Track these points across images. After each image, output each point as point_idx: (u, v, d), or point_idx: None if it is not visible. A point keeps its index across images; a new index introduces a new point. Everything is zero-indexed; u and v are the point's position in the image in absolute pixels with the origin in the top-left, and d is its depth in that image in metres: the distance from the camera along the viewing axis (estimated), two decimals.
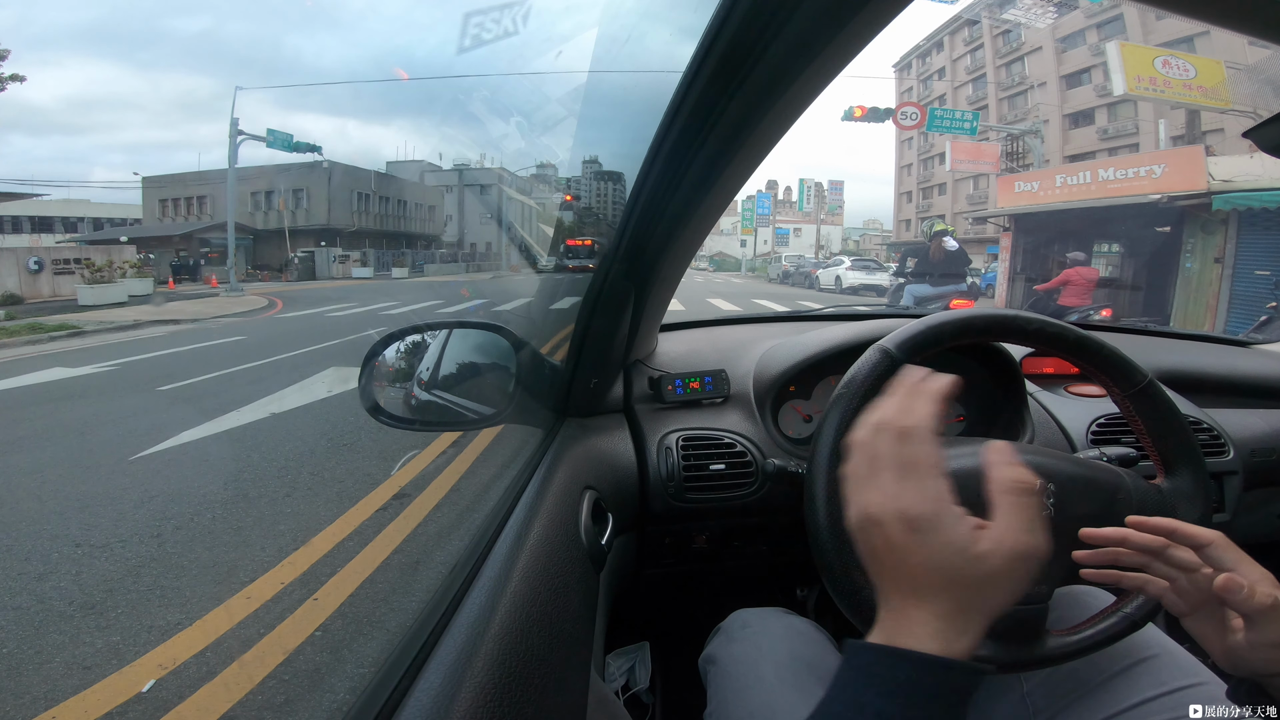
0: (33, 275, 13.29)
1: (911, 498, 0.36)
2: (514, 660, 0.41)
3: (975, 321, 0.60)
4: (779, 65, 0.44)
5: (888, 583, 0.37)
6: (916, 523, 0.36)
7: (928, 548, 0.35)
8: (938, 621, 0.35)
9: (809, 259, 27.46)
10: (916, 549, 0.35)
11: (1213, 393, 1.12)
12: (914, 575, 0.36)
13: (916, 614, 0.35)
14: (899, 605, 0.36)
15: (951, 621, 0.35)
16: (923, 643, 0.34)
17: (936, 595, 0.35)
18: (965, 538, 0.35)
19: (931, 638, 0.34)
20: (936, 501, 0.36)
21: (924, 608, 0.35)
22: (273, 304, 12.29)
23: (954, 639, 0.34)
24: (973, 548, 0.35)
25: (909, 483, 0.37)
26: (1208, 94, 10.52)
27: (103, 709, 1.37)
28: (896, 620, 0.36)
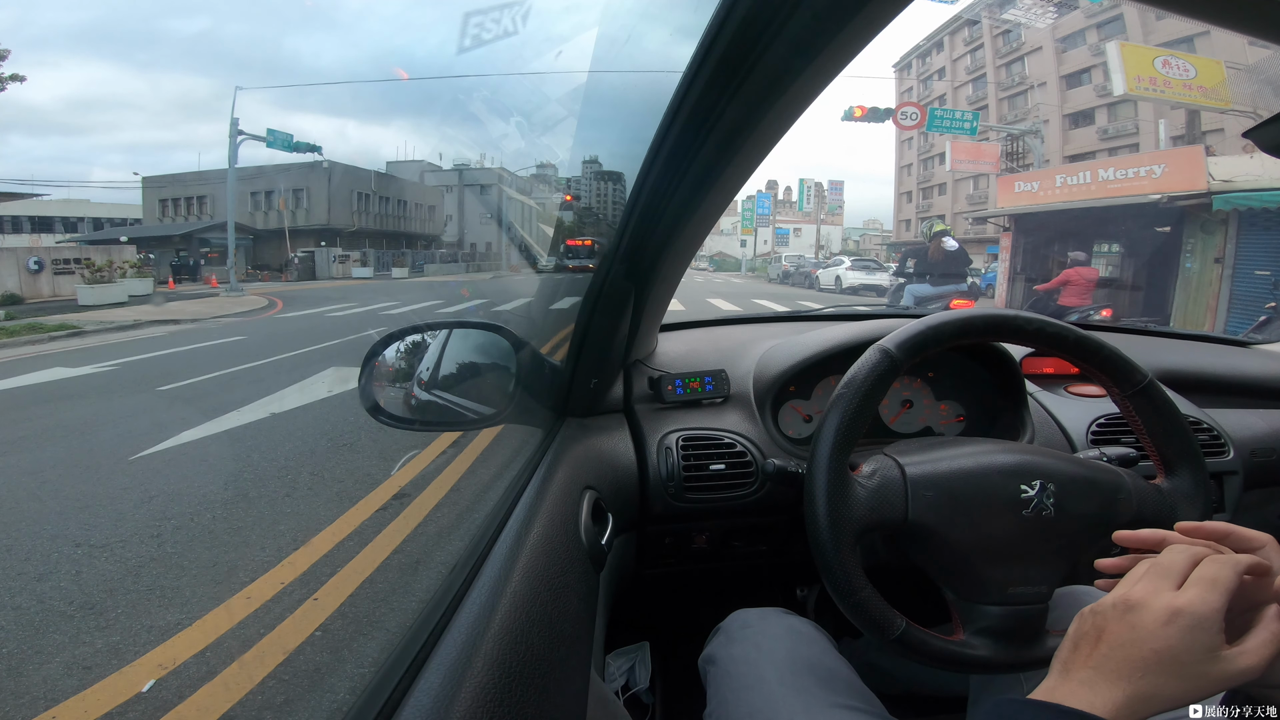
0: (33, 275, 13.29)
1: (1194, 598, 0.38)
2: (514, 660, 0.41)
3: (975, 321, 0.60)
4: (779, 65, 0.44)
5: (1095, 658, 0.39)
6: (1186, 615, 0.38)
7: (1179, 639, 0.37)
8: (1125, 699, 0.37)
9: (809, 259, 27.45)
10: (1165, 637, 0.38)
11: (1213, 393, 1.12)
12: (1140, 656, 0.38)
13: (1105, 687, 0.37)
14: (1089, 677, 0.38)
15: (1140, 703, 0.37)
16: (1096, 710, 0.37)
17: (1148, 677, 0.37)
18: (1218, 641, 0.38)
19: (1108, 709, 0.37)
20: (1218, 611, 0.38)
21: (1120, 685, 0.37)
22: (273, 304, 12.29)
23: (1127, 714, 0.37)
24: (1219, 650, 0.37)
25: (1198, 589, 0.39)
26: (1208, 94, 10.52)
27: (103, 709, 1.37)
28: (1074, 689, 0.38)
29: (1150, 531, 0.49)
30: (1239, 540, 0.46)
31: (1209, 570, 0.40)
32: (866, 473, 0.61)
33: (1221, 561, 0.40)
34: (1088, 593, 0.66)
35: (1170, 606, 0.38)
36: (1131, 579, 0.42)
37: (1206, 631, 0.37)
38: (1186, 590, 0.39)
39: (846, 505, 0.57)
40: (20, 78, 13.00)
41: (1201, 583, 0.39)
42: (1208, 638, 0.37)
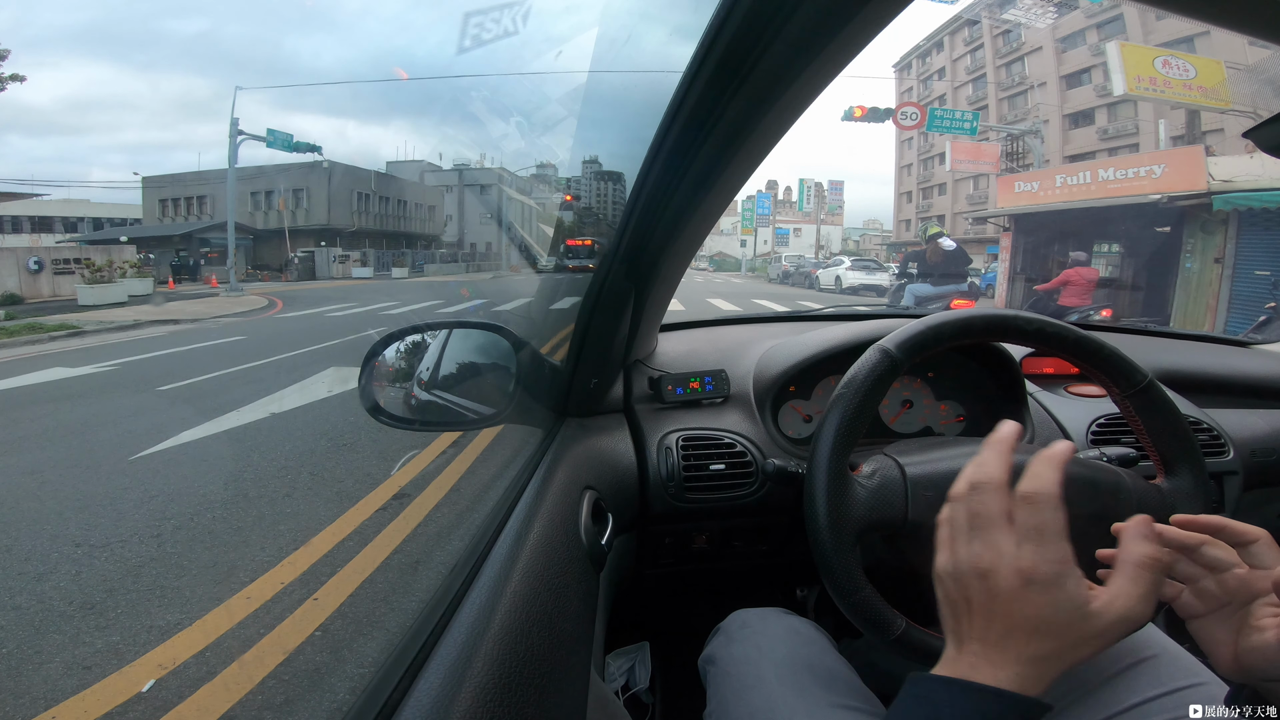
0: (33, 275, 13.29)
1: (1034, 557, 0.38)
2: (514, 660, 0.41)
3: (975, 322, 0.60)
4: (779, 65, 0.44)
5: (972, 628, 0.39)
6: (1037, 580, 0.37)
7: (1041, 602, 0.37)
8: (1021, 666, 0.37)
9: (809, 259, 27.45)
10: (1028, 602, 0.37)
11: (1213, 393, 1.12)
12: (1010, 624, 0.37)
13: (999, 657, 0.37)
14: (979, 649, 0.38)
15: (1036, 667, 0.37)
16: (1000, 683, 0.36)
17: (1030, 643, 0.37)
18: (1082, 596, 0.37)
19: (1011, 679, 0.36)
20: (1061, 564, 0.38)
21: (1008, 652, 0.37)
22: (273, 304, 12.29)
23: (1032, 684, 0.37)
24: (1086, 606, 0.37)
25: (1032, 544, 0.38)
26: (1208, 94, 10.52)
27: (103, 709, 1.37)
28: (974, 661, 0.38)
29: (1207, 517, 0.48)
30: (1233, 534, 0.46)
31: (1029, 519, 0.39)
32: (866, 473, 0.61)
33: (1038, 505, 0.39)
34: None
35: (1017, 571, 0.38)
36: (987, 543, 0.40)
37: (1061, 590, 0.37)
38: (1024, 550, 0.38)
39: (846, 505, 0.57)
40: (20, 78, 13.01)
41: (1030, 537, 0.38)
42: (1065, 595, 0.37)
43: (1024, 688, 0.36)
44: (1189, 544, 0.47)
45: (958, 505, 0.42)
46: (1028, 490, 0.39)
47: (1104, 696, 0.56)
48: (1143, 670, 0.56)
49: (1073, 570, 0.38)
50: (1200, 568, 0.47)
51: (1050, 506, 0.39)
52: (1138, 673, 0.56)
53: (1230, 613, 0.46)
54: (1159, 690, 0.54)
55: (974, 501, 0.41)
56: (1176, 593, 0.48)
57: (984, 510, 0.40)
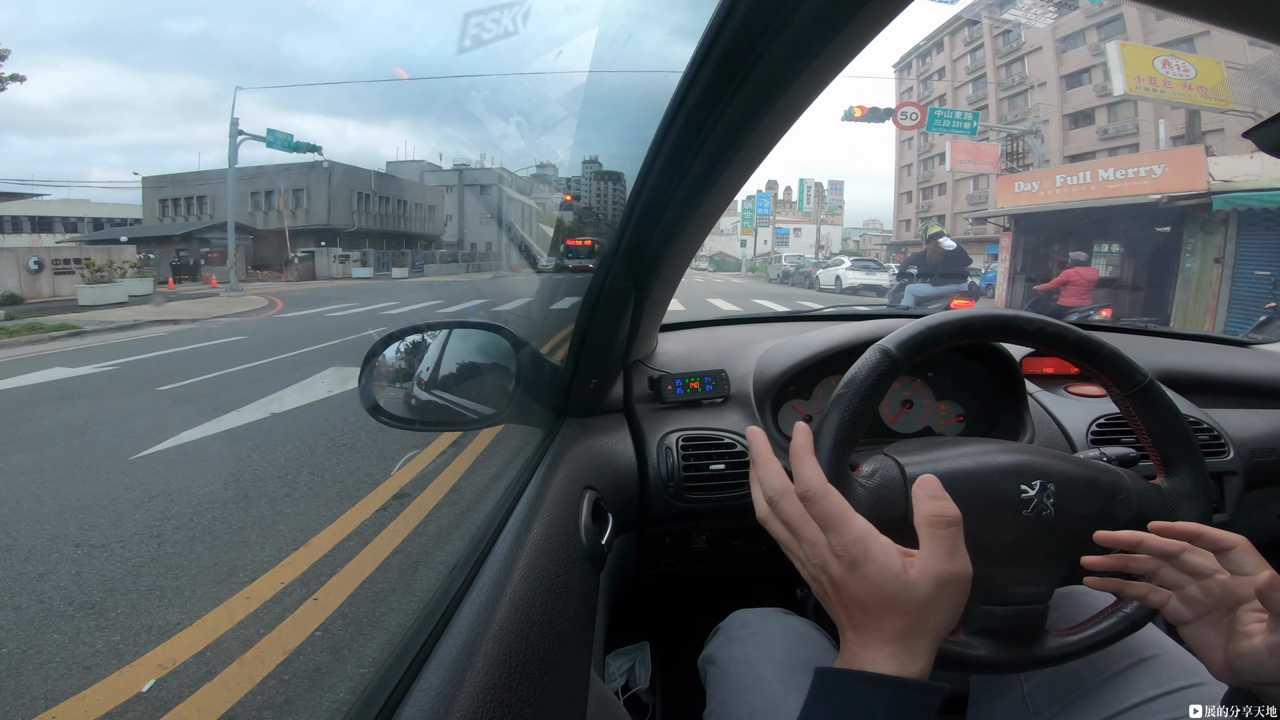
0: (33, 275, 13.29)
1: (840, 542, 0.40)
2: (514, 660, 0.41)
3: (975, 322, 0.60)
4: (779, 65, 0.44)
5: (842, 618, 0.41)
6: (853, 561, 0.40)
7: (868, 581, 0.39)
8: (889, 645, 0.39)
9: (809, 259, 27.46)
10: (858, 583, 0.40)
11: (1213, 393, 1.12)
12: (862, 606, 0.40)
13: (869, 641, 0.40)
14: (854, 636, 0.41)
15: (903, 644, 0.39)
16: (880, 666, 0.38)
17: (884, 622, 0.39)
18: (896, 566, 0.39)
19: (887, 660, 0.38)
20: (862, 540, 0.40)
21: (874, 635, 0.39)
22: (273, 304, 12.29)
23: (908, 661, 0.38)
24: (903, 575, 0.39)
25: (832, 532, 0.41)
26: (1208, 94, 10.52)
27: (103, 709, 1.37)
28: (854, 649, 0.40)
29: (1128, 534, 0.50)
30: (1210, 540, 0.47)
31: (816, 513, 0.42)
32: (866, 473, 0.61)
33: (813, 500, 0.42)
34: (1087, 593, 0.66)
35: (838, 558, 0.40)
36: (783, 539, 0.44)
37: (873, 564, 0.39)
38: (831, 539, 0.41)
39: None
40: (20, 78, 13.02)
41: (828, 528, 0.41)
42: (878, 569, 0.39)
43: (903, 668, 0.38)
44: (1169, 551, 0.48)
45: (771, 522, 0.45)
46: (801, 491, 0.43)
47: (1104, 696, 0.56)
48: (1143, 670, 0.56)
49: (876, 543, 0.40)
50: (1184, 574, 0.47)
51: (822, 495, 0.42)
52: (1138, 673, 0.56)
53: (1218, 618, 0.46)
54: (1159, 690, 0.54)
55: (780, 513, 0.44)
56: (1164, 599, 0.48)
57: (789, 516, 0.43)
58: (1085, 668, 0.57)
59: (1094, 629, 0.53)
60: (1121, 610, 0.53)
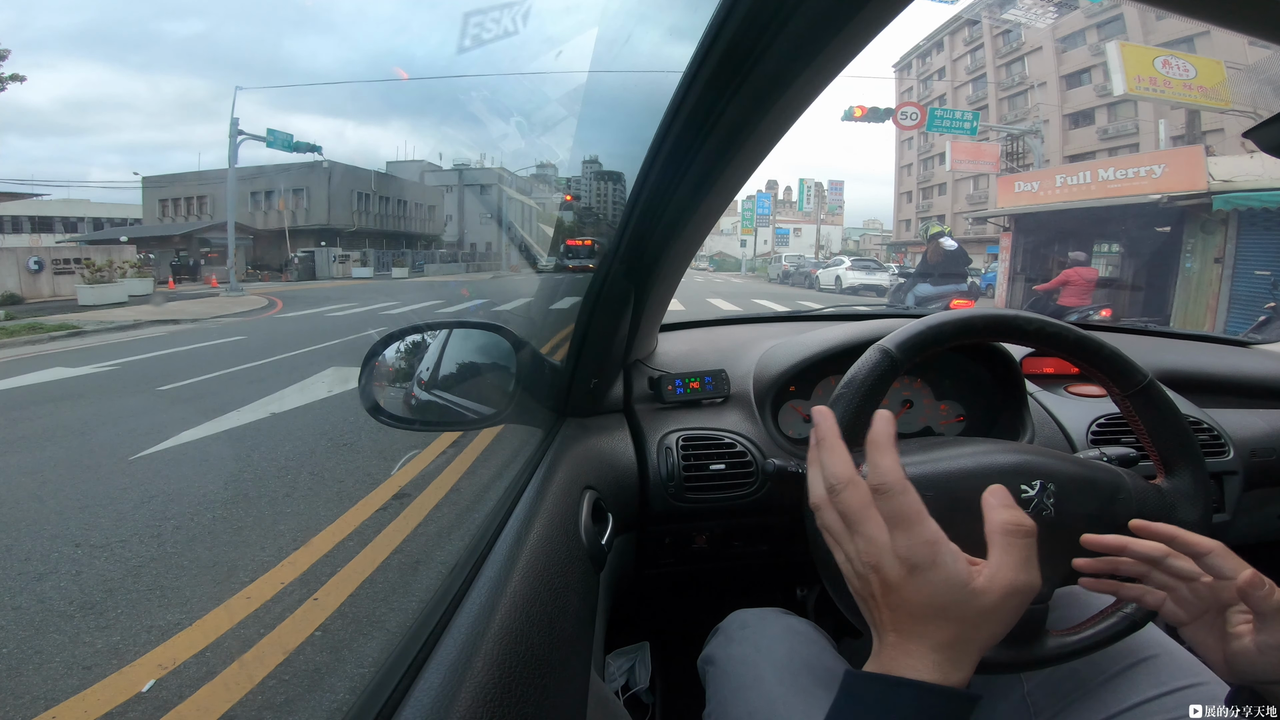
0: (33, 275, 13.29)
1: (906, 543, 0.38)
2: (514, 660, 0.41)
3: (975, 321, 0.60)
4: (779, 65, 0.44)
5: (884, 620, 0.39)
6: (916, 565, 0.37)
7: (928, 586, 0.37)
8: (935, 654, 0.37)
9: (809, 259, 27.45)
10: (916, 588, 0.37)
11: (1213, 393, 1.12)
12: (912, 612, 0.38)
13: (914, 647, 0.37)
14: (895, 640, 0.38)
15: (948, 653, 0.37)
16: (921, 673, 0.36)
17: (934, 629, 0.37)
18: (963, 574, 0.37)
19: (930, 669, 0.36)
20: (933, 545, 0.38)
21: (921, 641, 0.37)
22: (273, 304, 12.29)
23: (950, 670, 0.37)
24: (970, 583, 0.37)
25: (900, 531, 0.38)
26: (1208, 94, 10.52)
27: (103, 709, 1.37)
28: (893, 654, 0.38)
29: (1114, 538, 0.50)
30: (1184, 544, 0.47)
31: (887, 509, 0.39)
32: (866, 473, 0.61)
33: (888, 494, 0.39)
34: (1088, 593, 0.66)
35: (898, 559, 0.38)
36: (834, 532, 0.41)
37: (940, 570, 0.37)
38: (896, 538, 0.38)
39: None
40: (20, 78, 13.03)
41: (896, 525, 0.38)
42: (945, 575, 0.37)
43: (944, 675, 0.36)
44: (1152, 555, 0.48)
45: (826, 510, 0.42)
46: (875, 483, 0.40)
47: (1104, 696, 0.56)
48: (1143, 670, 0.56)
49: (946, 549, 0.38)
50: (1172, 578, 0.48)
51: (899, 491, 0.39)
52: (1138, 673, 0.56)
53: (1211, 620, 0.47)
54: (1159, 690, 0.54)
55: (839, 502, 0.41)
56: (1159, 601, 0.49)
57: (850, 508, 0.40)
58: (1085, 668, 0.57)
59: (1094, 629, 0.53)
60: (1121, 610, 0.53)
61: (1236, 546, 0.48)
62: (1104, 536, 0.50)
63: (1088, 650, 0.52)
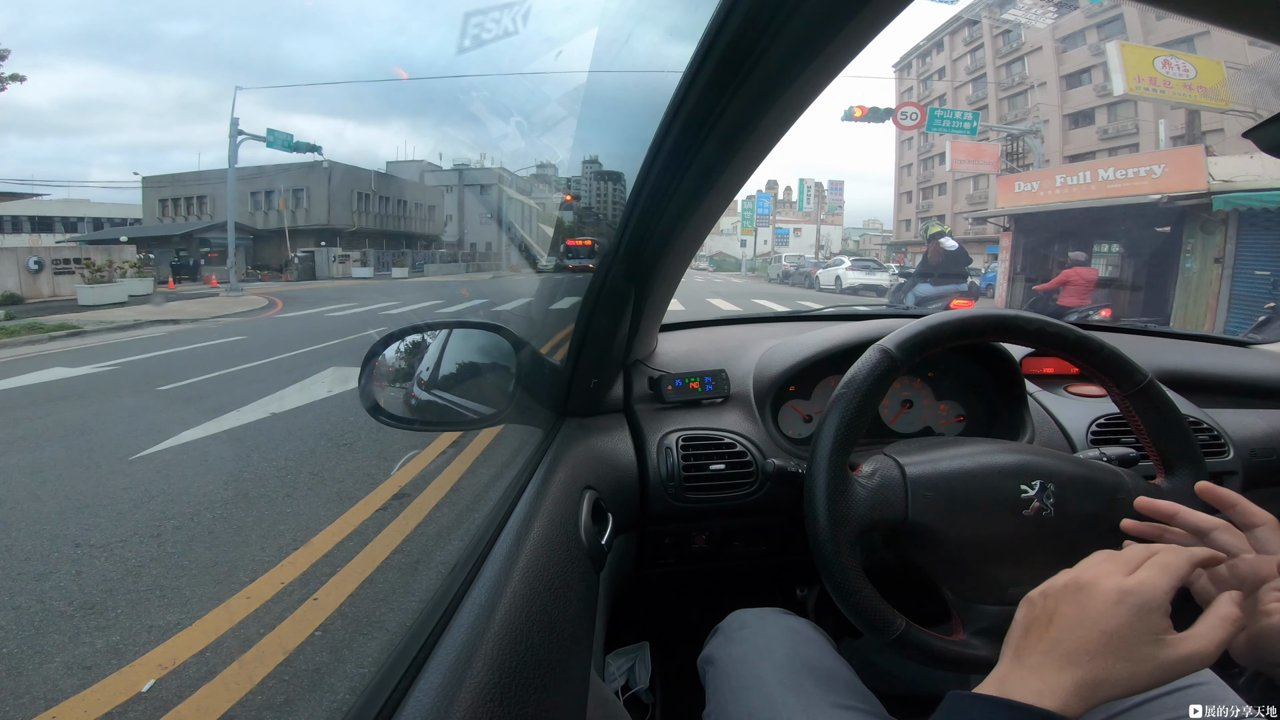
0: (33, 275, 13.29)
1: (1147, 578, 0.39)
2: (514, 660, 0.41)
3: (975, 322, 0.60)
4: (779, 65, 0.44)
5: (1046, 641, 0.39)
6: (1135, 596, 0.38)
7: (1127, 620, 0.38)
8: (1075, 685, 0.37)
9: (809, 259, 27.45)
10: (1114, 617, 0.38)
11: (1213, 393, 1.12)
12: (1090, 638, 0.38)
13: (1054, 673, 0.37)
14: (1039, 662, 0.38)
15: (1089, 689, 0.37)
16: (1044, 700, 0.36)
17: (1098, 661, 0.37)
18: (1163, 625, 0.38)
19: (1057, 698, 0.36)
20: (1166, 595, 0.39)
21: (1069, 670, 0.37)
22: (273, 304, 12.29)
23: (1076, 704, 0.36)
24: (1164, 634, 0.38)
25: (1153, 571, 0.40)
26: (1208, 94, 10.52)
27: (103, 709, 1.37)
28: (1023, 675, 0.38)
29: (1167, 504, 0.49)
30: (1242, 513, 0.46)
31: (1162, 557, 0.40)
32: (866, 473, 0.61)
33: (1175, 550, 0.41)
34: None
35: (1120, 587, 0.38)
36: (1087, 564, 0.42)
37: (1153, 613, 0.38)
38: (1138, 573, 0.39)
39: (846, 505, 0.57)
40: (20, 78, 13.03)
41: (1153, 567, 0.40)
42: (1154, 620, 0.38)
43: (1066, 707, 0.36)
44: (1202, 527, 0.47)
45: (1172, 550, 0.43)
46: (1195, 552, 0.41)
47: None
48: None
49: (1166, 604, 0.38)
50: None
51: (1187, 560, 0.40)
52: None
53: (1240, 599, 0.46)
54: (1159, 690, 0.54)
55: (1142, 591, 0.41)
56: (1194, 576, 0.48)
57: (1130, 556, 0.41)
58: None
59: None
60: None
61: None
62: (1157, 501, 0.49)
63: None
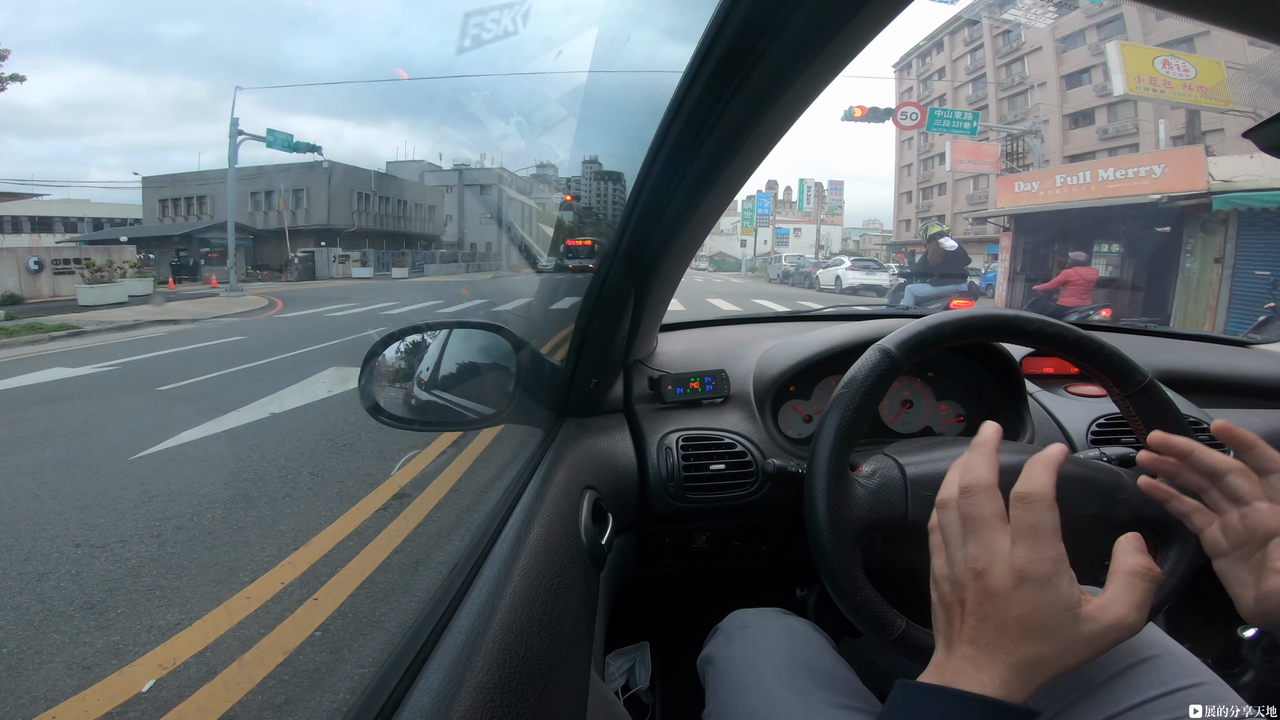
0: (33, 275, 13.29)
1: (1029, 555, 0.38)
2: (514, 660, 0.41)
3: (975, 321, 0.60)
4: (779, 65, 0.44)
5: (965, 630, 0.39)
6: (1029, 578, 0.37)
7: (1034, 601, 0.37)
8: (1008, 670, 0.36)
9: (809, 259, 27.47)
10: (1020, 601, 0.37)
11: (1213, 393, 1.12)
12: (1004, 624, 0.37)
13: (987, 660, 0.37)
14: (969, 652, 0.38)
15: (1023, 672, 0.37)
16: (986, 688, 0.36)
17: (1021, 645, 0.37)
18: (1074, 597, 0.37)
19: (997, 685, 0.36)
20: (1055, 562, 0.38)
21: (998, 656, 0.37)
22: (273, 304, 12.29)
23: (1017, 689, 0.36)
24: (1078, 608, 0.37)
25: (1027, 543, 0.38)
26: (1208, 94, 10.52)
27: (103, 709, 1.37)
28: (961, 665, 0.38)
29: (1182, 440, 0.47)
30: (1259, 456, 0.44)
31: (1024, 518, 0.38)
32: (866, 473, 0.61)
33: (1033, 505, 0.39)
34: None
35: (1012, 570, 0.37)
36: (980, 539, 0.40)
37: (1054, 589, 0.37)
38: (1019, 549, 0.38)
39: (846, 505, 0.57)
40: (20, 78, 13.03)
41: (1025, 537, 0.38)
42: (1058, 595, 0.37)
43: (1009, 693, 0.36)
44: (1217, 468, 0.45)
45: (948, 510, 0.42)
46: (1023, 490, 0.39)
47: (1104, 696, 0.56)
48: (1143, 670, 0.56)
49: (1066, 571, 0.38)
50: (1227, 500, 0.45)
51: (1045, 506, 0.39)
52: (1138, 673, 0.56)
53: (1250, 552, 0.44)
54: (1159, 690, 0.54)
55: (966, 505, 0.41)
56: (1208, 522, 0.46)
57: (977, 512, 0.40)
58: (1086, 667, 0.57)
59: None
60: None
61: None
62: (1172, 436, 0.47)
63: None
